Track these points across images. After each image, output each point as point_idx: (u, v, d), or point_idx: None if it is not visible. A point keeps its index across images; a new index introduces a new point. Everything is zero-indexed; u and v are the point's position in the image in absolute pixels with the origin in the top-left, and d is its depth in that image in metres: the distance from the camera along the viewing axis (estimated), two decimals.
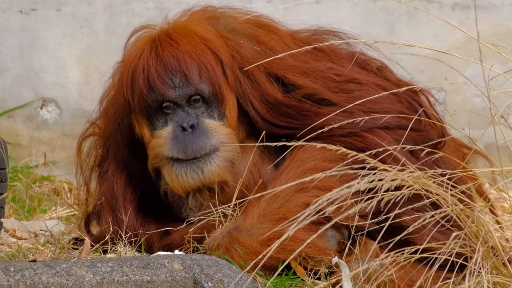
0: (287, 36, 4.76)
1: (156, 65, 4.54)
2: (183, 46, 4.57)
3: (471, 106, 7.11)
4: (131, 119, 4.66)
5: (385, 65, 4.82)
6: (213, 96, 4.58)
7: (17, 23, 7.14)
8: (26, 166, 7.03)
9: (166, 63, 4.54)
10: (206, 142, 4.53)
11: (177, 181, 4.55)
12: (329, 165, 4.41)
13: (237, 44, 4.68)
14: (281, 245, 4.24)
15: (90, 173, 4.97)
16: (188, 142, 4.52)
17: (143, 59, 4.57)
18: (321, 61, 4.69)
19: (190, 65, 4.55)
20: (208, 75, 4.56)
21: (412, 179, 3.92)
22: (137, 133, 4.65)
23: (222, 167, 4.54)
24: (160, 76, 4.54)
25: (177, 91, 4.56)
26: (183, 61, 4.55)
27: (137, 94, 4.57)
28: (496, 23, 7.09)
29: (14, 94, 7.16)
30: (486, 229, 3.90)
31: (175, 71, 4.55)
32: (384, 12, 7.10)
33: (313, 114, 4.56)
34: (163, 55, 4.55)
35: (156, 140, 4.57)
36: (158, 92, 4.55)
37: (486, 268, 3.85)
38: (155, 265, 3.93)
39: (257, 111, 4.63)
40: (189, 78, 4.54)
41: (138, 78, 4.55)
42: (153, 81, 4.54)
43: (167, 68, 4.54)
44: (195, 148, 4.52)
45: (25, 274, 3.71)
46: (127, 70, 4.61)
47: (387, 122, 4.50)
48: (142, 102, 4.58)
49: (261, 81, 4.63)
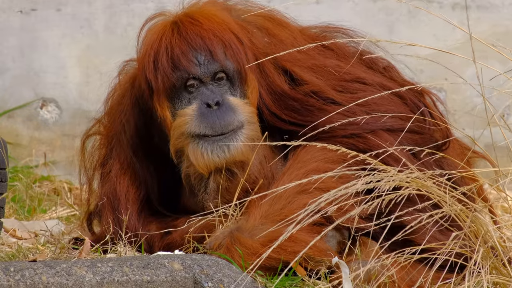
0: (297, 32, 4.77)
1: (180, 44, 4.54)
2: (206, 25, 4.57)
3: (471, 106, 7.11)
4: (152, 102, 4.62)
5: (392, 65, 4.82)
6: (237, 74, 4.59)
7: (17, 23, 7.14)
8: (26, 166, 7.03)
9: (190, 41, 4.54)
10: (234, 118, 4.52)
11: (202, 159, 4.53)
12: (331, 166, 4.41)
13: (249, 33, 4.69)
14: (282, 246, 4.24)
15: (93, 173, 4.97)
16: (216, 118, 4.51)
17: (165, 39, 4.56)
18: (329, 58, 4.70)
19: (215, 42, 4.55)
20: (233, 52, 4.56)
21: (411, 179, 3.92)
22: (158, 116, 4.62)
23: (247, 145, 4.54)
24: (184, 54, 4.53)
25: (202, 68, 4.56)
26: (207, 38, 4.55)
27: (160, 74, 4.55)
28: (496, 23, 7.09)
29: (14, 94, 7.16)
30: (485, 229, 3.90)
31: (199, 48, 4.55)
32: (384, 12, 7.10)
33: (316, 111, 4.57)
34: (187, 34, 4.55)
35: (181, 118, 4.56)
36: (184, 69, 4.54)
37: (486, 268, 3.85)
38: (155, 265, 3.93)
39: (264, 101, 4.64)
40: (214, 54, 4.55)
41: (162, 58, 4.54)
42: (177, 59, 4.54)
43: (191, 46, 4.54)
44: (223, 123, 4.51)
45: (25, 274, 3.71)
46: (147, 53, 4.58)
47: (390, 125, 4.50)
48: (166, 82, 4.56)
49: (270, 71, 4.64)
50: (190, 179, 4.64)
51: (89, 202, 5.03)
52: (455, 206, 3.92)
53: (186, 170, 4.63)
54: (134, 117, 4.77)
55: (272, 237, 4.27)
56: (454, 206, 3.93)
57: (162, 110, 4.60)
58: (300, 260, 4.27)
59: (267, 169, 4.64)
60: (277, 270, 4.26)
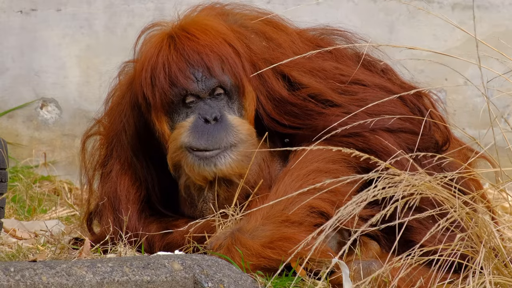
0: (295, 35, 4.77)
1: (177, 60, 4.54)
2: (202, 39, 4.57)
3: (472, 106, 7.11)
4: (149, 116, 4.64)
5: (390, 67, 4.81)
6: (235, 88, 4.59)
7: (17, 23, 7.14)
8: (26, 166, 7.03)
9: (187, 58, 4.54)
10: (229, 135, 4.53)
11: (196, 171, 4.54)
12: (332, 166, 4.41)
13: (246, 39, 4.69)
14: (282, 247, 4.25)
15: (93, 173, 4.97)
16: (211, 134, 4.52)
17: (162, 55, 4.56)
18: (327, 61, 4.69)
19: (212, 58, 4.55)
20: (230, 67, 4.57)
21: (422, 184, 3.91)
22: (156, 130, 4.64)
23: (239, 162, 4.54)
24: (182, 71, 4.53)
25: (200, 84, 4.56)
26: (204, 54, 4.55)
27: (158, 91, 4.56)
28: (496, 23, 7.09)
29: (14, 94, 7.16)
30: (489, 229, 3.89)
31: (197, 64, 4.55)
32: (384, 12, 7.10)
33: (316, 114, 4.57)
34: (184, 49, 4.55)
35: (177, 131, 4.57)
36: (181, 86, 4.55)
37: (489, 269, 3.85)
38: (155, 265, 3.93)
39: (264, 108, 4.65)
40: (212, 71, 4.55)
41: (159, 75, 4.54)
42: (175, 76, 4.54)
43: (189, 62, 4.54)
44: (218, 139, 4.52)
45: (25, 274, 3.71)
46: (144, 68, 4.59)
47: (390, 125, 4.50)
48: (164, 99, 4.57)
49: (268, 77, 4.64)
50: (189, 190, 4.66)
51: (89, 202, 5.03)
52: (463, 210, 3.91)
53: (185, 183, 4.65)
54: (134, 118, 4.77)
55: (273, 238, 4.28)
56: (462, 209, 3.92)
57: (160, 124, 4.62)
58: (300, 261, 4.27)
59: (266, 172, 4.64)
60: (277, 270, 4.26)
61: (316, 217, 4.34)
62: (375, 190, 3.88)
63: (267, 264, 4.26)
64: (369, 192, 3.87)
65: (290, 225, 4.31)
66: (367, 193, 3.88)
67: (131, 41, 4.86)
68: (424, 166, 4.26)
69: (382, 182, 3.88)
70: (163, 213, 4.80)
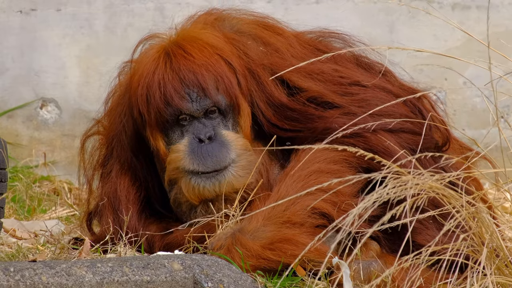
0: (293, 38, 4.76)
1: (173, 80, 4.54)
2: (198, 58, 4.57)
3: (471, 106, 7.11)
4: (145, 133, 4.66)
5: (388, 69, 4.81)
6: (230, 107, 4.60)
7: (17, 23, 7.14)
8: (26, 166, 7.03)
9: (183, 78, 4.54)
10: (225, 154, 4.54)
11: (194, 193, 4.56)
12: (333, 166, 4.41)
13: (243, 46, 4.68)
14: (282, 248, 4.25)
15: (93, 173, 4.97)
16: (207, 155, 4.53)
17: (158, 74, 4.56)
18: (326, 63, 4.69)
19: (207, 78, 4.56)
20: (225, 86, 4.57)
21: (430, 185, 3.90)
22: (152, 146, 4.66)
23: (239, 178, 4.56)
24: (177, 91, 4.54)
25: (194, 104, 4.57)
26: (200, 74, 4.55)
27: (153, 109, 4.57)
28: (496, 23, 7.09)
29: (14, 94, 7.16)
30: (491, 229, 3.89)
31: (192, 85, 4.55)
32: (384, 12, 7.10)
33: (317, 118, 4.56)
34: (179, 69, 4.55)
35: (175, 154, 4.59)
36: (176, 107, 4.55)
37: (491, 269, 3.85)
38: (155, 265, 3.93)
39: (264, 114, 4.64)
40: (207, 91, 4.55)
41: (154, 94, 4.55)
42: (170, 96, 4.54)
43: (184, 83, 4.55)
44: (214, 160, 4.53)
45: (25, 274, 3.71)
46: (141, 85, 4.59)
47: (390, 125, 4.49)
48: (159, 118, 4.59)
49: (267, 83, 4.64)
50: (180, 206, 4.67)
51: (88, 202, 5.03)
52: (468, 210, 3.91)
53: (175, 197, 4.65)
54: (133, 120, 4.77)
55: (273, 239, 4.28)
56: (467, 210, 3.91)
57: (155, 141, 4.63)
58: (300, 261, 4.27)
59: (265, 177, 4.64)
60: (277, 271, 4.26)
61: (318, 218, 4.33)
62: (384, 192, 3.86)
63: (266, 265, 4.26)
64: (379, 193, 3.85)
65: (291, 226, 4.31)
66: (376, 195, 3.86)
67: (131, 41, 4.86)
68: (425, 166, 4.25)
69: (391, 183, 3.86)
70: (163, 213, 4.80)
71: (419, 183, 3.85)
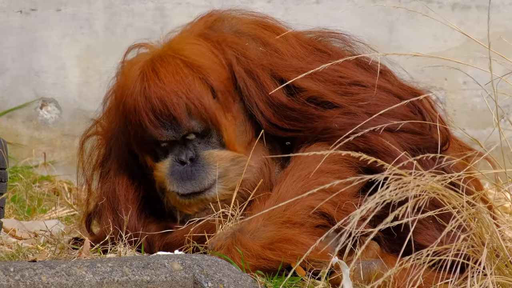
0: (292, 38, 4.75)
1: (146, 108, 4.53)
2: (168, 85, 4.53)
3: (471, 106, 7.11)
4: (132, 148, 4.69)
5: (388, 69, 4.81)
6: (207, 129, 4.58)
7: (17, 23, 7.14)
8: (26, 166, 7.03)
9: (154, 106, 4.52)
10: (205, 176, 4.54)
11: (182, 207, 4.60)
12: (333, 166, 4.41)
13: (242, 47, 4.67)
14: (282, 248, 4.25)
15: (92, 173, 4.98)
16: (186, 178, 4.54)
17: (135, 99, 4.55)
18: (325, 63, 4.68)
19: (177, 107, 4.53)
20: (198, 112, 4.55)
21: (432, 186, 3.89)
22: (140, 160, 4.68)
23: (227, 189, 4.56)
24: (150, 120, 4.54)
25: (169, 132, 4.56)
26: (170, 103, 4.52)
27: (133, 132, 4.60)
28: (496, 23, 7.09)
29: (14, 94, 7.17)
30: (491, 229, 3.89)
31: (163, 114, 4.53)
32: (384, 12, 7.11)
33: (317, 117, 4.56)
34: (151, 97, 4.53)
35: (158, 174, 4.61)
36: (152, 134, 4.55)
37: (492, 270, 3.85)
38: (155, 265, 3.93)
39: (263, 114, 4.63)
40: (179, 120, 4.53)
41: (132, 118, 4.57)
42: (144, 125, 4.55)
43: (156, 112, 4.53)
44: (193, 183, 4.54)
45: (25, 274, 3.71)
46: (122, 104, 4.61)
47: (390, 124, 4.49)
48: (139, 139, 4.60)
49: (266, 83, 4.63)
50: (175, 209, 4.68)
51: (88, 202, 5.03)
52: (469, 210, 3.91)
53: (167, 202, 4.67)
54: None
55: (273, 239, 4.28)
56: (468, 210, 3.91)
57: (142, 156, 4.67)
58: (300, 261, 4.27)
59: (267, 176, 4.64)
60: (277, 271, 4.27)
61: (318, 218, 4.33)
62: (386, 194, 3.85)
63: (266, 265, 4.26)
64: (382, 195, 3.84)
65: (291, 226, 4.30)
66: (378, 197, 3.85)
67: (131, 41, 4.86)
68: (425, 166, 4.25)
69: (392, 184, 3.85)
70: (162, 212, 4.80)
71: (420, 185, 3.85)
